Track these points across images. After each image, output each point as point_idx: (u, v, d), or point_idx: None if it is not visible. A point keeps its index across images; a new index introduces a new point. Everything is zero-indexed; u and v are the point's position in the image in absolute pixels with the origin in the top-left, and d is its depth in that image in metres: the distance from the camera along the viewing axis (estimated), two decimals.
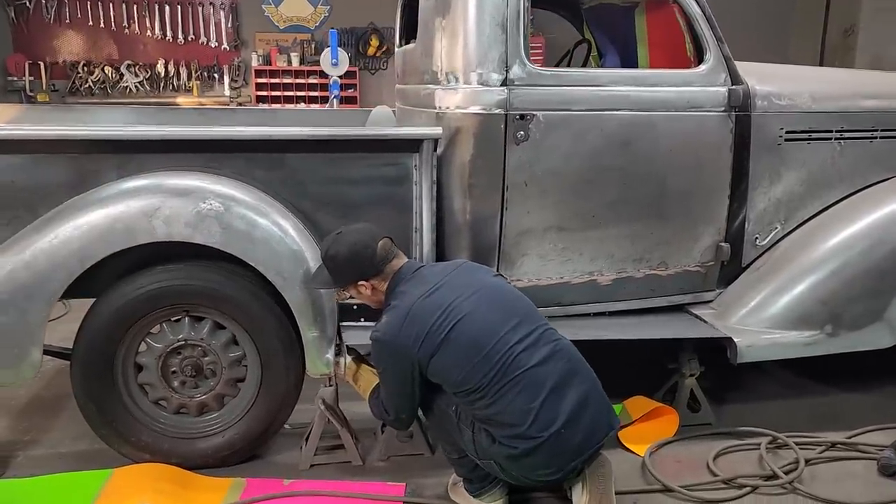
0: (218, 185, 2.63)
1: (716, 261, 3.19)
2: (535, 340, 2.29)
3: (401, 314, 2.30)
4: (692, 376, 3.10)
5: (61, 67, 9.47)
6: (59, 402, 3.32)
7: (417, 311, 2.29)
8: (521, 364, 2.23)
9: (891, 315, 3.05)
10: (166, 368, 2.74)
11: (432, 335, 2.25)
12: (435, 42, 2.94)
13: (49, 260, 2.48)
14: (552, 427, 2.20)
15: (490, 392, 2.22)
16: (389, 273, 2.44)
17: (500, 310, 2.32)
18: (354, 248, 2.42)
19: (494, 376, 2.22)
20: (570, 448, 2.24)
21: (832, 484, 2.69)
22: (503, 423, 2.23)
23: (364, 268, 2.42)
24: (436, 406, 2.42)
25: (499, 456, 2.27)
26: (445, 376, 2.29)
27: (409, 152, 2.78)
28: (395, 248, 2.49)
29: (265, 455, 2.88)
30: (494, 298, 2.35)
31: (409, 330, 2.27)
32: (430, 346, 2.25)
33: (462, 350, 2.24)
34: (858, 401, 3.38)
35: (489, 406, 2.24)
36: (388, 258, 2.44)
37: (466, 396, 2.27)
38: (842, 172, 3.26)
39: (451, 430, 2.40)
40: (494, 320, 2.29)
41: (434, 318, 2.26)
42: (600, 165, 2.93)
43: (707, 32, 2.98)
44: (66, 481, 2.64)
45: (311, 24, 9.90)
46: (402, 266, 2.46)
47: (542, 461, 2.24)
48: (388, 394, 2.42)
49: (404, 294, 2.36)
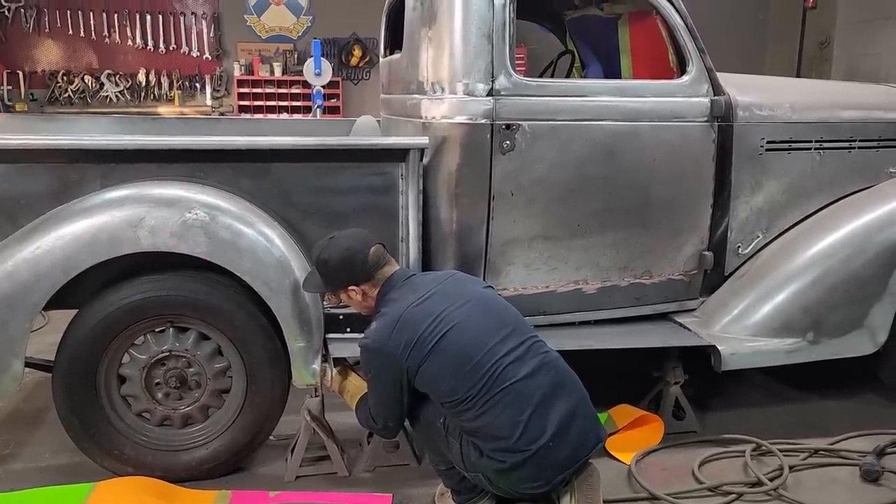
0: (203, 194, 2.61)
1: (699, 269, 3.22)
2: (524, 353, 2.28)
3: (391, 321, 2.29)
4: (677, 384, 3.12)
5: (40, 77, 9.38)
6: (40, 414, 3.27)
7: (408, 318, 2.28)
8: (508, 376, 2.22)
9: (871, 322, 3.10)
10: (150, 380, 2.71)
11: (422, 343, 2.24)
12: (421, 52, 2.95)
13: (31, 270, 2.45)
14: (540, 440, 2.19)
15: (478, 404, 2.22)
16: (380, 280, 2.43)
17: (490, 321, 2.32)
18: (346, 253, 2.41)
19: (482, 388, 2.21)
20: (557, 461, 2.24)
21: (816, 490, 2.72)
22: (490, 436, 2.23)
23: (355, 273, 2.42)
24: (423, 417, 2.41)
25: (487, 469, 2.27)
26: (433, 386, 2.29)
27: (396, 162, 2.78)
28: (387, 255, 2.49)
29: (250, 467, 2.86)
30: (485, 309, 2.35)
31: (398, 337, 2.26)
32: (418, 355, 2.24)
33: (451, 360, 2.23)
34: (840, 407, 3.41)
35: (476, 418, 2.23)
36: (380, 264, 2.44)
37: (454, 408, 2.27)
38: (821, 182, 3.31)
39: (438, 441, 2.39)
40: (484, 331, 2.28)
41: (424, 327, 2.25)
42: (585, 175, 2.95)
43: (689, 43, 3.01)
44: (47, 496, 2.60)
45: (294, 35, 9.89)
46: (394, 273, 2.45)
47: (530, 475, 2.24)
48: (376, 401, 2.40)
49: (395, 301, 2.35)
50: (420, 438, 2.57)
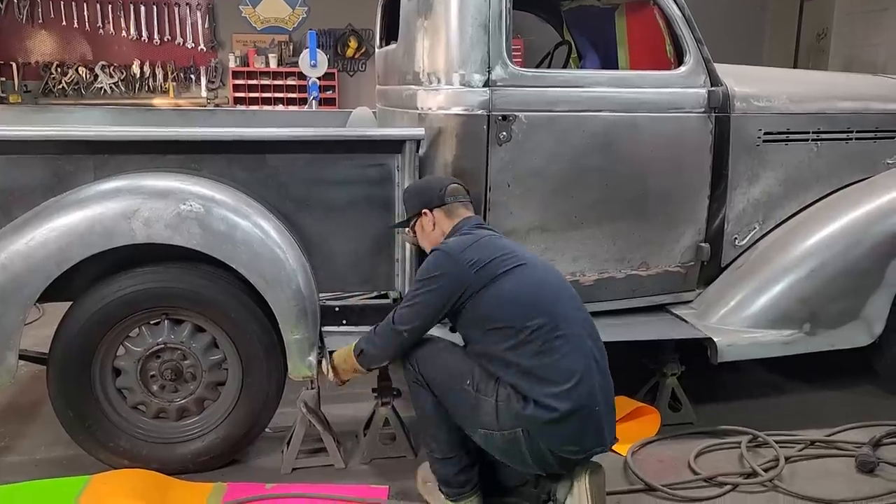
0: (198, 186, 2.60)
1: (696, 261, 3.21)
2: (582, 320, 2.32)
3: (468, 239, 2.36)
4: (673, 376, 3.12)
5: (34, 68, 9.33)
6: (35, 407, 3.26)
7: (486, 243, 2.35)
8: (575, 324, 2.26)
9: (868, 314, 3.10)
10: (145, 372, 2.70)
11: (495, 265, 2.27)
12: (417, 43, 2.93)
13: (25, 262, 2.44)
14: (591, 398, 2.21)
15: (539, 339, 2.19)
16: (454, 214, 2.50)
17: (560, 282, 2.39)
18: (428, 180, 2.66)
19: (545, 325, 2.20)
20: (597, 427, 2.24)
21: (812, 481, 2.72)
22: (545, 379, 2.18)
23: (431, 197, 2.51)
24: (441, 387, 2.30)
25: (532, 422, 2.18)
26: (493, 311, 2.24)
27: (392, 153, 2.77)
28: (468, 198, 2.57)
29: (246, 459, 2.85)
30: (557, 274, 2.44)
31: (472, 253, 2.29)
32: (487, 275, 2.25)
33: (520, 290, 2.25)
34: (836, 399, 3.42)
35: (537, 355, 2.18)
36: (457, 198, 2.52)
37: (511, 339, 2.20)
38: (819, 173, 3.31)
39: (463, 410, 2.27)
40: (555, 284, 2.35)
41: (500, 253, 2.31)
42: (582, 166, 2.94)
43: (686, 34, 3.00)
44: (42, 488, 2.59)
45: (289, 26, 9.85)
46: (470, 216, 2.52)
47: (575, 432, 2.20)
48: (412, 304, 2.32)
49: (474, 233, 2.42)
50: (423, 423, 2.41)
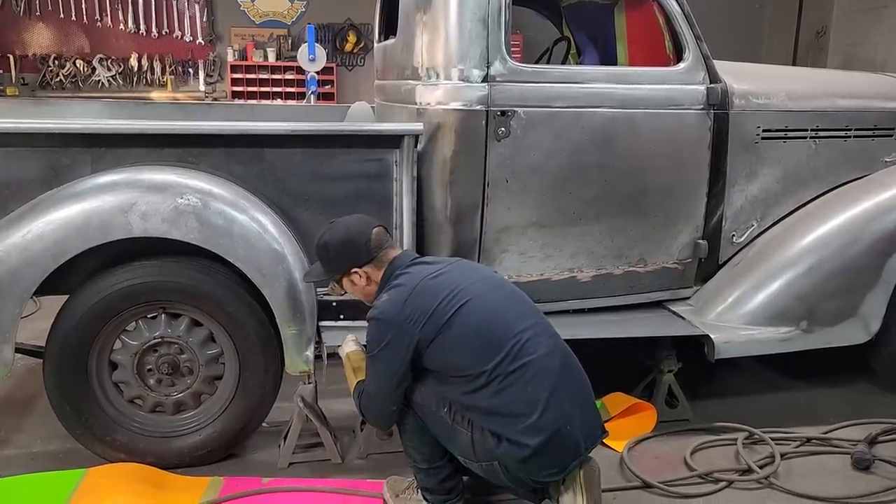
0: (196, 180, 2.59)
1: (693, 258, 3.21)
2: (539, 332, 2.22)
3: (404, 291, 2.20)
4: (670, 372, 3.12)
5: (31, 61, 9.30)
6: (31, 401, 3.26)
7: (422, 290, 2.20)
8: (528, 352, 2.14)
9: (865, 311, 3.10)
10: (142, 366, 2.70)
11: (437, 315, 2.15)
12: (416, 38, 2.93)
13: (22, 256, 2.43)
14: (559, 420, 2.12)
15: (496, 379, 2.12)
16: (384, 262, 2.33)
17: (504, 299, 2.26)
18: (347, 233, 2.34)
19: (502, 361, 2.12)
20: (574, 445, 2.16)
21: (807, 478, 2.72)
22: (510, 414, 2.12)
23: (358, 254, 2.32)
24: (421, 408, 2.28)
25: (507, 458, 2.14)
26: (446, 361, 2.18)
27: (390, 148, 2.76)
28: (390, 238, 2.41)
29: (243, 454, 2.85)
30: (497, 287, 2.30)
31: (412, 307, 2.16)
32: (433, 327, 2.15)
33: (469, 332, 2.15)
34: (832, 396, 3.42)
35: (495, 395, 2.12)
36: (383, 245, 2.34)
37: (469, 384, 2.15)
38: (817, 171, 3.31)
39: (440, 432, 2.27)
40: (501, 307, 2.22)
41: (440, 298, 2.17)
42: (581, 162, 2.94)
43: (686, 30, 3.00)
44: (38, 482, 2.58)
45: (288, 20, 9.82)
46: (399, 255, 2.36)
47: (551, 458, 2.14)
48: (377, 382, 2.26)
49: (407, 275, 2.26)
50: (406, 433, 2.37)
